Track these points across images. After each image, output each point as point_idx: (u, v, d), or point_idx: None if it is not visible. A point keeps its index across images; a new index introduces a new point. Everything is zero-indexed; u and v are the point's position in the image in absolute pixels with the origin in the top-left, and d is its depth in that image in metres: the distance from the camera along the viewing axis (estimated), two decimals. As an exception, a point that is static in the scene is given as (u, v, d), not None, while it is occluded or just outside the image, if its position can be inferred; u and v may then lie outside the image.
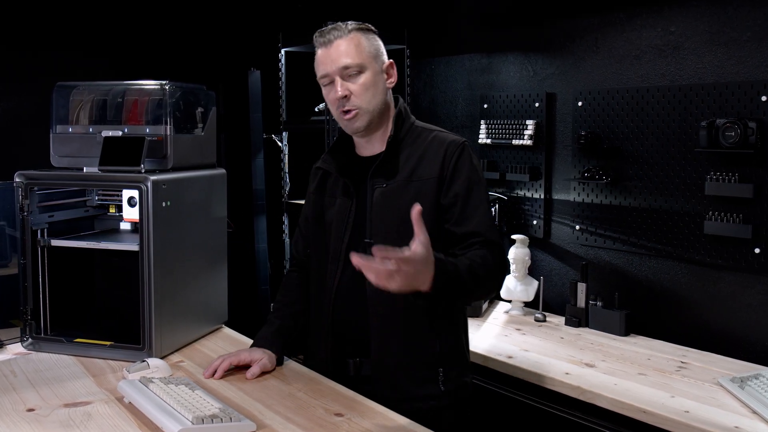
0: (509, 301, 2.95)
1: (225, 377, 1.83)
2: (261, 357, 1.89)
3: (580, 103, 2.85)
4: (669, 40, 2.56)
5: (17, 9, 3.05)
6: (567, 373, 2.19)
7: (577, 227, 2.89)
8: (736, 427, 1.78)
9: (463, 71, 3.38)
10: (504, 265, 1.81)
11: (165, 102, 2.06)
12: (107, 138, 2.06)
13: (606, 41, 2.77)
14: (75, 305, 2.21)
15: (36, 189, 2.06)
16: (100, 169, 2.03)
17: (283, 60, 3.62)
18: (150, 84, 2.11)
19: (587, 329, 2.67)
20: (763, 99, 2.28)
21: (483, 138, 3.21)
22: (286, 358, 1.99)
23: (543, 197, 3.02)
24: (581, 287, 2.69)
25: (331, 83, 1.80)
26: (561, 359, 2.33)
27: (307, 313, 1.99)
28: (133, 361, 1.86)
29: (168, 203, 1.98)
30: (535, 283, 2.88)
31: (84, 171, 2.07)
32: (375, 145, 1.88)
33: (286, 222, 3.67)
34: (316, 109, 3.51)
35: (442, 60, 3.48)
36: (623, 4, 2.69)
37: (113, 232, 2.29)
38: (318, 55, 1.82)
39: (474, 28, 3.33)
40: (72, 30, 3.20)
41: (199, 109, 2.21)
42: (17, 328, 2.09)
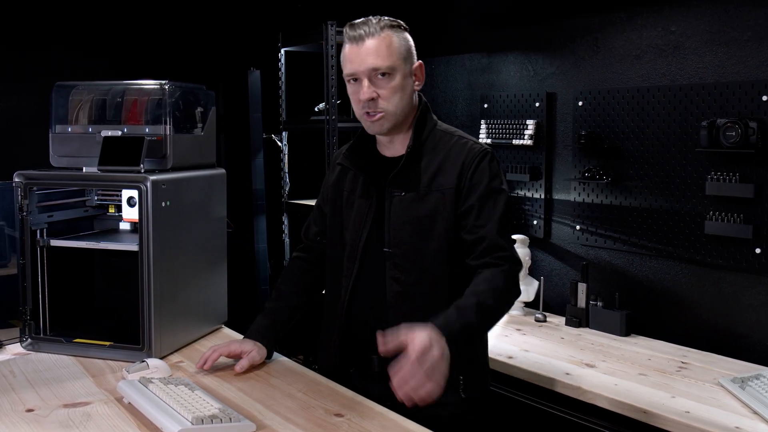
0: (509, 301, 2.95)
1: (224, 377, 1.83)
2: (251, 349, 1.89)
3: (580, 103, 2.84)
4: (669, 39, 2.56)
5: (17, 9, 3.04)
6: (567, 374, 2.19)
7: (578, 227, 2.88)
8: (736, 428, 1.78)
9: (464, 71, 3.38)
10: (516, 277, 1.74)
11: (164, 102, 2.05)
12: (106, 138, 2.05)
13: (606, 41, 2.76)
14: (74, 305, 2.21)
15: (35, 189, 2.05)
16: (99, 169, 2.02)
17: (283, 60, 3.62)
18: (149, 84, 2.10)
19: (588, 329, 2.66)
20: (764, 99, 2.28)
21: (483, 138, 3.20)
22: (285, 358, 1.99)
23: (543, 197, 3.01)
24: (582, 287, 2.68)
25: (358, 82, 1.75)
26: (561, 359, 2.33)
27: (307, 306, 1.99)
28: (133, 362, 1.86)
29: (167, 203, 1.98)
30: (536, 284, 2.88)
31: (83, 171, 2.07)
32: (397, 146, 1.83)
33: (286, 222, 3.66)
34: (316, 109, 3.51)
35: (442, 60, 3.48)
36: (623, 3, 2.69)
37: (113, 232, 2.29)
38: (346, 51, 1.75)
39: (474, 27, 3.32)
40: (72, 30, 3.20)
41: (199, 109, 2.21)
42: (16, 328, 2.09)
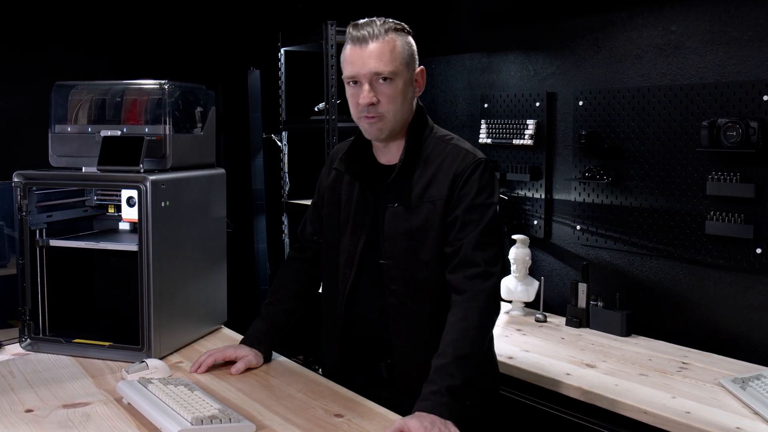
0: (510, 302, 2.94)
1: (224, 378, 1.83)
2: (246, 354, 1.89)
3: (580, 103, 2.84)
4: (670, 39, 2.55)
5: (17, 8, 3.04)
6: (568, 374, 2.18)
7: (578, 227, 2.88)
8: (737, 428, 1.78)
9: (464, 71, 3.37)
10: (491, 298, 1.68)
11: (164, 101, 2.05)
12: (106, 138, 2.05)
13: (607, 41, 2.76)
14: (74, 306, 2.20)
15: (34, 189, 2.05)
16: (98, 169, 2.02)
17: (283, 59, 3.62)
18: (149, 83, 2.10)
19: (588, 330, 2.66)
20: (765, 98, 2.27)
21: (483, 138, 3.20)
22: (285, 358, 1.98)
23: (544, 197, 3.01)
24: (582, 287, 2.68)
25: (358, 85, 1.71)
26: (562, 360, 2.32)
27: (304, 308, 1.98)
28: (132, 362, 1.86)
29: (167, 203, 1.98)
30: (536, 284, 2.87)
31: (83, 171, 2.06)
32: (392, 153, 1.80)
33: (285, 222, 3.65)
34: (315, 109, 3.50)
35: (442, 59, 3.47)
36: (624, 3, 2.68)
37: (112, 232, 2.28)
38: (348, 52, 1.72)
39: (474, 27, 3.32)
40: (72, 30, 3.19)
41: (199, 109, 2.20)
42: (16, 328, 2.08)
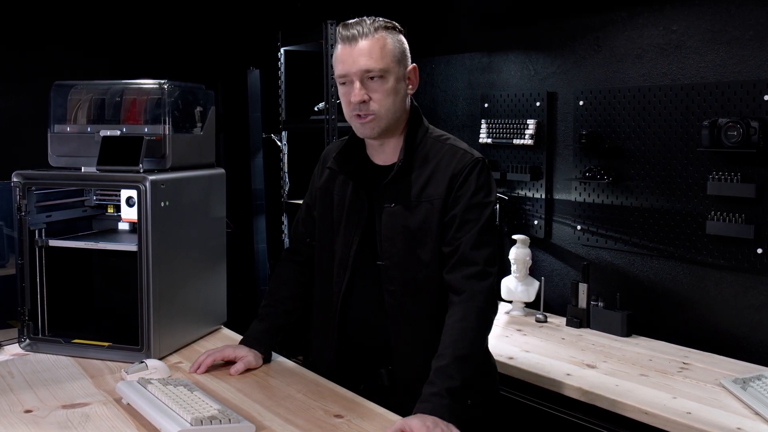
0: (510, 302, 2.94)
1: (223, 378, 1.82)
2: (246, 354, 1.88)
3: (581, 103, 2.83)
4: (671, 39, 2.55)
5: (17, 9, 3.03)
6: (568, 374, 2.18)
7: (579, 227, 2.87)
8: (738, 429, 1.77)
9: (464, 70, 3.37)
10: (489, 299, 1.69)
11: (163, 101, 2.04)
12: (105, 137, 2.04)
13: (607, 40, 2.75)
14: (73, 306, 2.20)
15: (34, 189, 2.04)
16: (98, 169, 2.01)
17: (283, 59, 3.61)
18: (148, 83, 2.09)
19: (588, 330, 2.65)
20: (766, 98, 2.27)
21: (484, 137, 3.19)
22: (285, 359, 1.98)
23: (544, 197, 3.00)
24: (582, 288, 2.67)
25: (349, 83, 1.71)
26: (562, 360, 2.32)
27: (302, 309, 1.97)
28: (132, 362, 1.85)
29: (167, 203, 1.97)
30: (536, 284, 2.87)
31: (82, 171, 2.06)
32: (388, 153, 1.80)
33: (285, 222, 3.66)
34: (315, 108, 3.50)
35: (442, 59, 3.47)
36: (624, 2, 2.68)
37: (111, 232, 2.28)
38: (339, 51, 1.72)
39: (474, 27, 3.32)
40: (71, 30, 3.19)
41: (198, 109, 2.20)
42: (15, 329, 2.08)
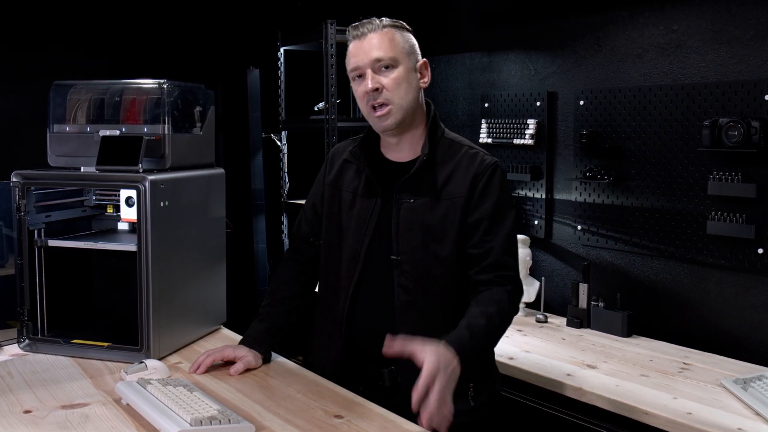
0: (510, 302, 2.94)
1: (223, 378, 1.82)
2: (245, 354, 1.87)
3: (581, 102, 2.83)
4: (671, 38, 2.55)
5: (16, 8, 3.03)
6: (568, 375, 2.18)
7: (579, 227, 2.87)
8: (738, 429, 1.77)
9: (464, 70, 3.36)
10: (518, 299, 1.77)
11: (163, 101, 2.04)
12: (105, 137, 2.04)
13: (608, 40, 2.75)
14: (72, 306, 2.19)
15: (33, 189, 2.04)
16: (97, 169, 2.01)
17: (282, 59, 3.61)
18: (148, 83, 2.09)
19: (589, 330, 2.65)
20: (767, 98, 2.27)
21: (484, 137, 3.19)
22: (284, 359, 1.97)
23: (544, 197, 3.00)
24: (583, 288, 2.67)
25: (362, 77, 1.75)
26: (562, 360, 2.32)
27: (303, 309, 1.97)
28: (131, 363, 1.84)
29: (166, 203, 1.97)
30: (537, 284, 2.87)
31: (81, 171, 2.05)
32: (404, 150, 1.82)
33: (285, 222, 3.65)
34: (315, 108, 3.50)
35: (442, 59, 3.46)
36: (625, 2, 2.68)
37: (111, 232, 2.27)
38: (350, 48, 1.78)
39: (474, 27, 3.31)
40: (71, 29, 3.18)
41: (198, 108, 2.19)
42: (14, 329, 2.07)
